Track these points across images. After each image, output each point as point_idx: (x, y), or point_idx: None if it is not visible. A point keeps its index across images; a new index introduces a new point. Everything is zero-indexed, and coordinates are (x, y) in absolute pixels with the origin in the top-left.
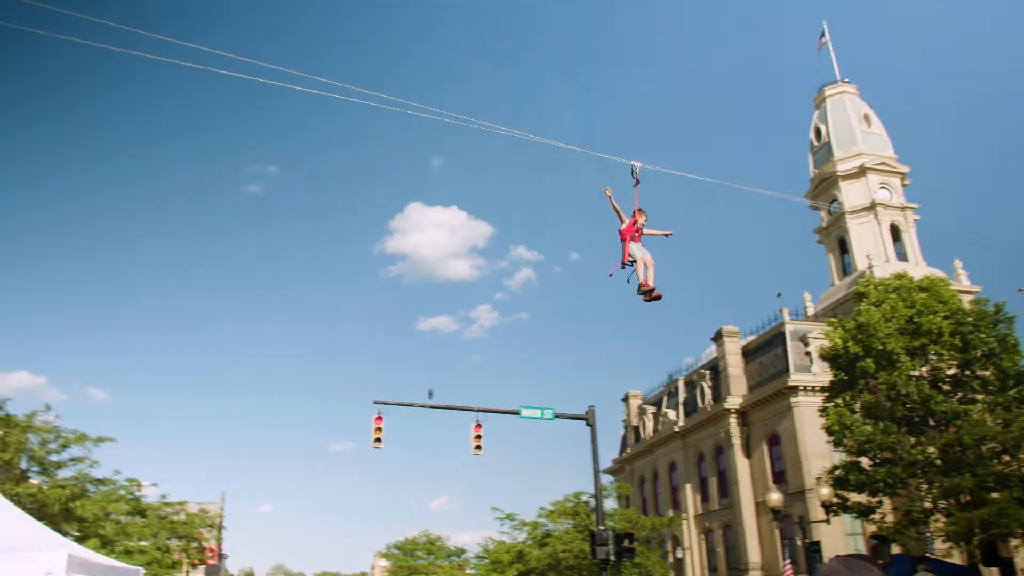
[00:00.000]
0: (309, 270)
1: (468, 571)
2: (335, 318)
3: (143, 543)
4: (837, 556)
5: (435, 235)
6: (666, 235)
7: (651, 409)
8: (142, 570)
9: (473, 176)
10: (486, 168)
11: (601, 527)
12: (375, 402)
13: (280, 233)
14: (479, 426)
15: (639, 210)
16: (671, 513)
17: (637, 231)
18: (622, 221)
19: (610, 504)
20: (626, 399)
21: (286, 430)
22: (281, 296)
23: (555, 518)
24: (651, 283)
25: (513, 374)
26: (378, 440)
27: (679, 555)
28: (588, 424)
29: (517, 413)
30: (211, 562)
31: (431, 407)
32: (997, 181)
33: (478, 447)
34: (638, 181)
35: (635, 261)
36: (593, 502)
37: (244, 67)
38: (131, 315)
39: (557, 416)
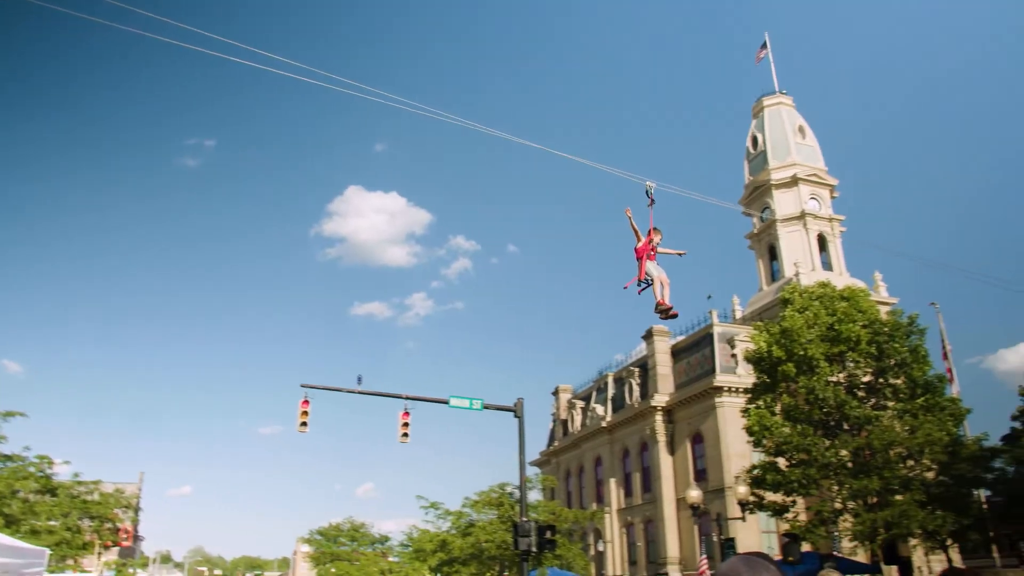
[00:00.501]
0: (243, 247)
1: (391, 559)
2: (269, 299)
3: (52, 523)
4: (737, 554)
5: (374, 220)
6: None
7: (580, 403)
8: (48, 551)
9: (415, 163)
10: (429, 156)
11: (524, 518)
12: (302, 386)
13: (215, 209)
14: (407, 414)
15: (654, 229)
16: (595, 507)
17: (653, 250)
18: (639, 239)
19: (535, 496)
20: (556, 393)
21: (212, 412)
22: (213, 273)
23: (480, 508)
24: (667, 301)
25: (446, 363)
26: (304, 424)
27: (601, 548)
28: (516, 416)
29: (446, 402)
30: (125, 544)
31: (360, 393)
32: (922, 197)
33: (405, 435)
34: (653, 201)
35: (652, 280)
36: (518, 493)
37: (189, 36)
38: (54, 287)
39: (486, 407)
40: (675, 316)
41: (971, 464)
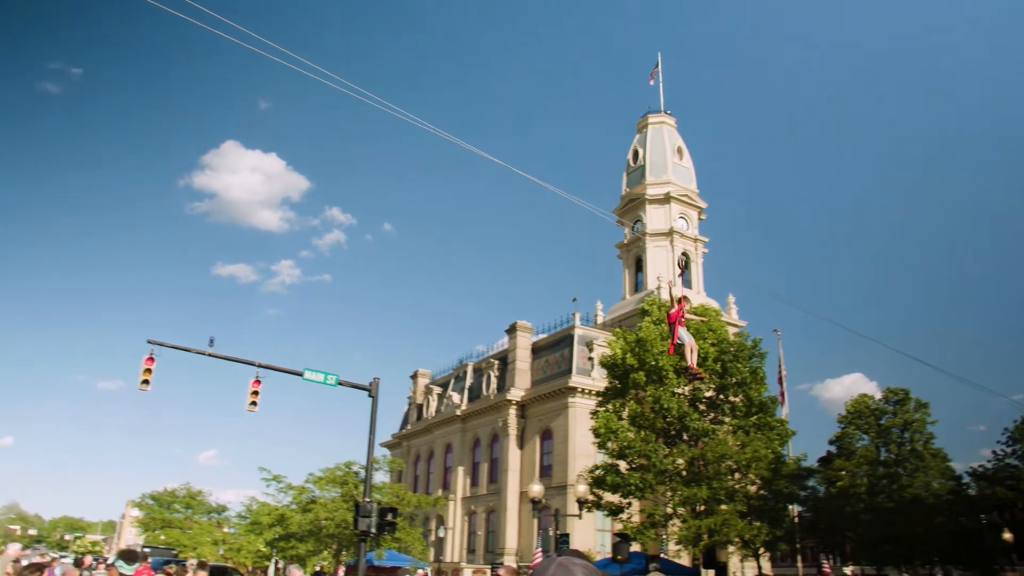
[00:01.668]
0: (102, 188)
1: (227, 530)
2: (124, 245)
3: None
4: (551, 555)
5: (249, 179)
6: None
7: (437, 390)
8: None
9: (300, 127)
10: (316, 122)
11: (367, 499)
12: (149, 342)
13: (75, 142)
14: (258, 382)
15: (684, 298)
16: (440, 493)
17: (682, 315)
18: (672, 306)
19: (381, 477)
20: (414, 376)
21: (48, 361)
22: (66, 213)
23: (323, 485)
24: (694, 365)
25: (306, 335)
26: (146, 383)
27: (441, 534)
28: (371, 396)
29: (300, 375)
30: None
31: (211, 355)
32: (779, 232)
33: (254, 403)
34: (683, 270)
35: (683, 345)
36: (364, 473)
37: None
38: None
39: (341, 383)
40: (701, 378)
41: (789, 481)
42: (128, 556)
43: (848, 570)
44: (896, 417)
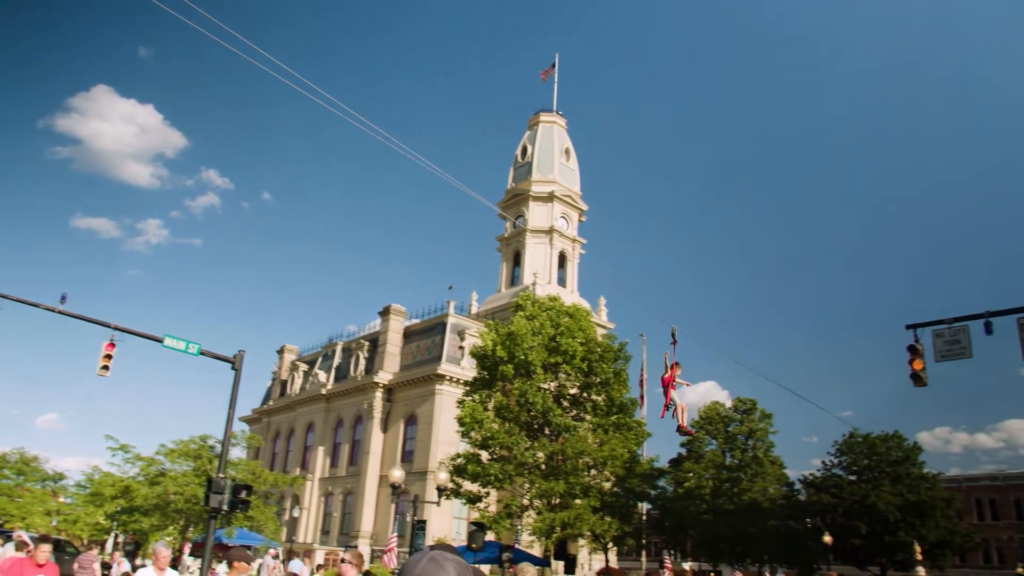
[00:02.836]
0: None
1: (63, 499)
2: None
3: None
4: (423, 549)
5: (121, 129)
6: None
7: (303, 367)
8: None
9: (182, 80)
10: (201, 78)
11: (221, 475)
12: None
13: None
14: (112, 345)
15: (676, 364)
16: (298, 472)
17: (674, 379)
18: (667, 371)
19: (238, 453)
20: (281, 352)
21: None
22: None
23: (174, 458)
24: (686, 425)
25: (170, 300)
26: None
27: (296, 514)
28: (233, 368)
29: (160, 341)
30: None
31: (61, 313)
32: (653, 239)
33: (106, 367)
34: (676, 341)
35: (675, 406)
36: (220, 447)
37: None
38: None
39: (203, 353)
40: (692, 435)
41: (641, 480)
42: None
43: (687, 565)
44: (743, 425)
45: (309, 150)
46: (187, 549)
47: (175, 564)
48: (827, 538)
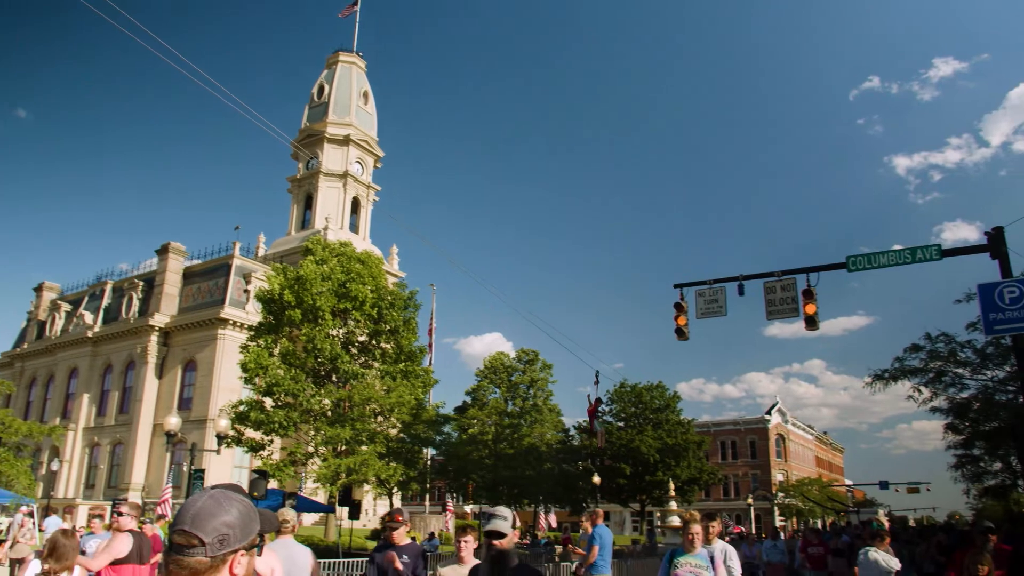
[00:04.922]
0: None
1: None
2: None
3: None
4: (206, 488)
5: None
6: (601, 433)
7: (66, 307)
8: None
9: None
10: None
11: None
12: None
13: None
14: None
15: (599, 399)
16: (58, 421)
17: (595, 411)
18: (590, 404)
19: None
20: (39, 289)
21: None
22: None
23: None
24: (602, 445)
25: None
26: None
27: (55, 467)
28: None
29: None
30: None
31: None
32: (454, 190)
33: None
34: (598, 381)
35: (598, 432)
36: None
37: None
38: None
39: None
40: (602, 449)
41: (427, 426)
42: None
43: (468, 508)
44: (525, 375)
45: (78, 65)
46: None
47: None
48: (596, 479)
